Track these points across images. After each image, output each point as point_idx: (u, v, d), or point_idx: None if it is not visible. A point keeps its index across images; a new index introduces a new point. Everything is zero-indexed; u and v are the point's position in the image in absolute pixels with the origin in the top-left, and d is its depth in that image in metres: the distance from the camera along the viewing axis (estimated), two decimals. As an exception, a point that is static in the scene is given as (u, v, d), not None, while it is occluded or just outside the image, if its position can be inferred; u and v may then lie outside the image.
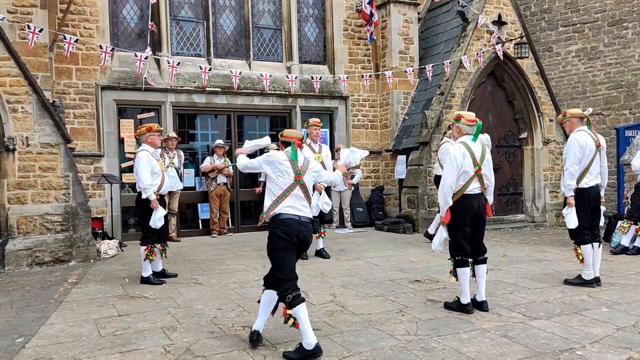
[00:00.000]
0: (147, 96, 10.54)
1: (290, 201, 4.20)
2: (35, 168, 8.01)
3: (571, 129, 6.23)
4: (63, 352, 4.24)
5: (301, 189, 4.25)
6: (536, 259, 8.04)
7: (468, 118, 5.28)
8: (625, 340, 4.37)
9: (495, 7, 11.99)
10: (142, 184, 6.50)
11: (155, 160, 6.70)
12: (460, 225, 5.19)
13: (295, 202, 4.22)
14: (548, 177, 12.52)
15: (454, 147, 5.22)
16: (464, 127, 5.28)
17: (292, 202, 4.21)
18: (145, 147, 6.66)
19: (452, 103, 11.37)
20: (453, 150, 5.19)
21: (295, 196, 4.23)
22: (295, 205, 4.21)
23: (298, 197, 4.24)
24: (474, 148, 5.19)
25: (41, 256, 7.91)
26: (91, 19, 10.08)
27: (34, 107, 7.98)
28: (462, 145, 5.20)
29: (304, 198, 4.27)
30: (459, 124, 5.31)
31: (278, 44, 12.13)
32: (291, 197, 4.21)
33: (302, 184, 4.26)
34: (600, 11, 14.13)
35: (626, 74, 13.72)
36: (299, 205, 4.23)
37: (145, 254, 6.58)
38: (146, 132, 6.70)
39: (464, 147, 5.18)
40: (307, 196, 4.28)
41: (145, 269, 6.64)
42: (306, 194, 4.28)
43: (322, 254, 8.18)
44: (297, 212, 4.20)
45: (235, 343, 4.37)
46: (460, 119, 5.30)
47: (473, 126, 5.24)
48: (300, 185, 4.25)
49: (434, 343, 4.32)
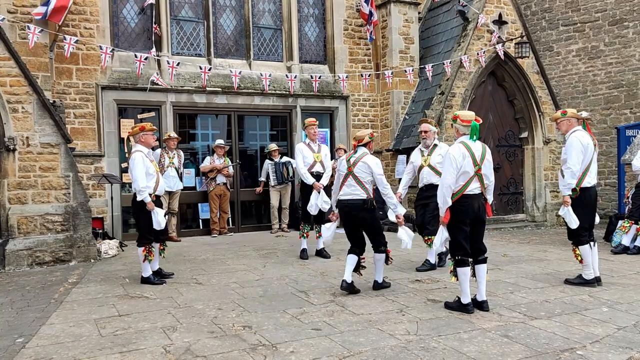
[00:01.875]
0: (147, 96, 10.53)
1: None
2: (36, 168, 8.01)
3: (568, 129, 6.23)
4: (63, 352, 4.24)
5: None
6: (537, 258, 8.03)
7: (463, 118, 5.31)
8: (626, 340, 4.37)
9: (495, 7, 11.98)
10: (138, 186, 6.44)
11: (150, 161, 6.64)
12: (460, 225, 5.19)
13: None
14: (549, 177, 12.51)
15: (454, 148, 5.22)
16: (460, 128, 5.32)
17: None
18: (139, 148, 6.59)
19: (452, 103, 11.37)
20: (453, 150, 5.19)
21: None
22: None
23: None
24: (474, 148, 5.19)
25: (42, 256, 7.91)
26: (91, 18, 10.08)
27: (34, 107, 7.98)
28: (462, 145, 5.20)
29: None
30: (456, 125, 5.37)
31: (278, 44, 12.12)
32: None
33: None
34: (601, 10, 14.12)
35: (627, 74, 13.70)
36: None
37: (143, 254, 6.57)
38: (139, 132, 6.66)
39: (463, 147, 5.18)
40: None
41: (145, 269, 6.63)
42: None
43: (323, 253, 8.18)
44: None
45: (236, 343, 4.37)
46: (457, 120, 5.34)
47: (468, 126, 5.25)
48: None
49: (434, 343, 4.32)
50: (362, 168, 5.94)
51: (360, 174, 5.94)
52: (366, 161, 5.96)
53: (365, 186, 5.93)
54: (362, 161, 5.96)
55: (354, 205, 5.96)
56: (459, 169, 5.12)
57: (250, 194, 11.70)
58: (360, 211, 5.95)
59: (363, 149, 6.11)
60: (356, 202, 5.94)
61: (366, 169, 5.93)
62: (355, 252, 6.01)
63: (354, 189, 5.96)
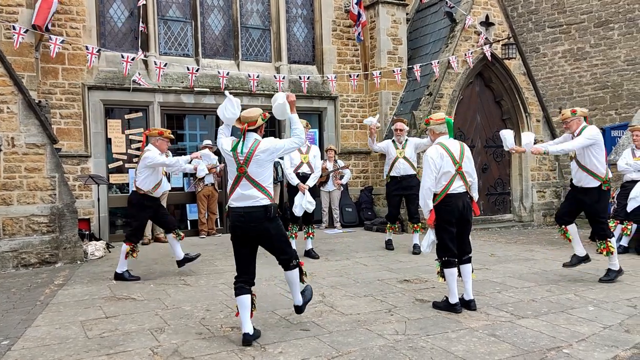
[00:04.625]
0: (134, 96, 10.46)
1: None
2: (21, 169, 7.93)
3: (577, 127, 6.27)
4: (49, 354, 4.20)
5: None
6: (524, 258, 8.09)
7: (436, 118, 5.38)
8: (612, 338, 4.41)
9: (483, 8, 12.06)
10: (171, 162, 7.00)
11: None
12: (445, 225, 5.21)
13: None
14: (535, 177, 12.61)
15: (431, 150, 5.25)
16: (436, 127, 5.35)
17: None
18: (151, 148, 6.86)
19: (440, 103, 11.42)
20: (430, 152, 5.22)
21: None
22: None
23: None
24: (452, 147, 5.24)
25: (27, 258, 7.83)
26: (78, 18, 9.99)
27: (19, 108, 7.90)
28: (439, 146, 5.24)
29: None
30: (431, 127, 5.40)
31: (267, 44, 12.11)
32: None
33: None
34: (587, 12, 14.27)
35: (612, 75, 13.86)
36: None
37: (127, 251, 6.75)
38: (157, 136, 6.95)
39: (441, 148, 5.21)
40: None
41: (121, 264, 6.81)
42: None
43: (311, 254, 8.18)
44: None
45: (224, 344, 4.36)
46: (430, 122, 5.39)
47: (442, 123, 5.30)
48: None
49: (422, 342, 4.33)
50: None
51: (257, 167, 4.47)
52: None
53: (263, 186, 4.44)
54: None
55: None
56: (438, 170, 5.15)
57: (239, 194, 11.64)
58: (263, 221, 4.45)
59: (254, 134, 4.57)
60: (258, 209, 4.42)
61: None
62: (245, 288, 4.45)
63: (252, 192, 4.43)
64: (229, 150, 4.48)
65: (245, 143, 4.45)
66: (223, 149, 4.54)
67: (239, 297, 4.40)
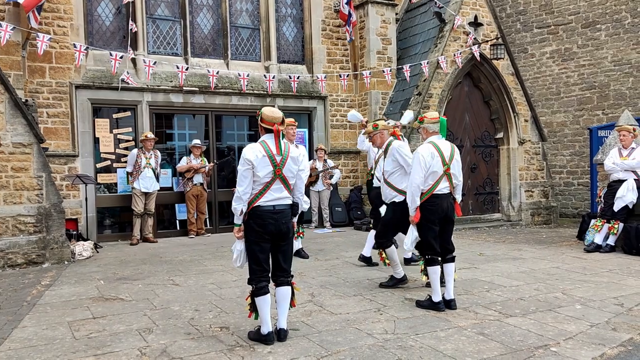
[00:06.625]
0: (123, 95, 10.39)
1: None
2: (8, 168, 7.84)
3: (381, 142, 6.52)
4: (36, 355, 4.15)
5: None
6: (512, 257, 8.14)
7: (430, 117, 5.38)
8: (599, 336, 4.45)
9: (471, 9, 12.12)
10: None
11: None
12: (429, 224, 5.24)
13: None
14: (524, 177, 12.70)
15: (423, 147, 5.27)
16: (430, 126, 5.36)
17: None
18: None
19: (429, 103, 11.46)
20: (422, 150, 5.23)
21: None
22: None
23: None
24: (443, 148, 5.25)
25: (14, 258, 7.74)
26: (65, 16, 9.90)
27: (6, 107, 7.81)
28: (431, 145, 5.26)
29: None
30: (424, 125, 5.39)
31: (256, 44, 12.08)
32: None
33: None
34: (574, 13, 14.38)
35: (599, 75, 13.98)
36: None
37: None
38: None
39: (432, 147, 5.23)
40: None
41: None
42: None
43: (301, 253, 8.17)
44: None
45: (213, 344, 4.34)
46: (424, 120, 5.39)
47: (437, 123, 5.31)
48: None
49: (411, 341, 4.34)
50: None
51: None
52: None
53: (290, 186, 4.54)
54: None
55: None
56: (427, 169, 5.17)
57: (228, 194, 11.59)
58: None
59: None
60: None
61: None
62: (268, 287, 4.42)
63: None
64: (262, 156, 4.29)
65: (281, 145, 4.37)
66: (255, 157, 4.27)
67: (264, 296, 4.33)
